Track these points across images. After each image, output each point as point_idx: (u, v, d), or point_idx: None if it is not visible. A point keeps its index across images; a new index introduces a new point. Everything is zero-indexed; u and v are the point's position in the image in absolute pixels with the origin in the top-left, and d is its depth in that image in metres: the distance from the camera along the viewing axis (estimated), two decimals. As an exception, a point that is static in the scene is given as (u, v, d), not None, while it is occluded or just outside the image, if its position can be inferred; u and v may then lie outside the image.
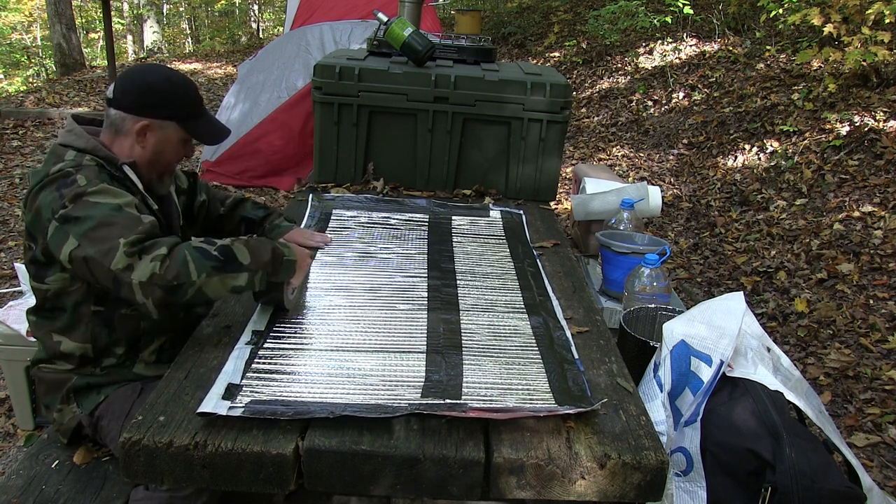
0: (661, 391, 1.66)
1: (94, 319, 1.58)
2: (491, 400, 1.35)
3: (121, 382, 1.63)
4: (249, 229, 2.01)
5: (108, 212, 1.42)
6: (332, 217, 2.37)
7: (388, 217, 2.41)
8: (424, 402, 1.32)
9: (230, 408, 1.25)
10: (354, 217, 2.38)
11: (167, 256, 1.39)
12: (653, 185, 3.68)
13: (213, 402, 1.26)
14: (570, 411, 1.30)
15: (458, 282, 1.93)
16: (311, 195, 2.55)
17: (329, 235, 2.09)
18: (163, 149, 1.65)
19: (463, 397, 1.35)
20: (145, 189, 1.65)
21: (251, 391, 1.33)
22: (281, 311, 1.67)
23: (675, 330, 1.71)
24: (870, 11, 4.55)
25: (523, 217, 2.53)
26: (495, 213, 2.55)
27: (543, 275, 2.03)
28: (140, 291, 1.37)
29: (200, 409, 1.24)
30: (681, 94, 6.53)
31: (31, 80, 14.45)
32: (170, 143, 1.65)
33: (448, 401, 1.33)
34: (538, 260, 2.15)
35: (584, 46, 8.60)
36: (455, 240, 2.27)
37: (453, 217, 2.47)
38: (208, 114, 1.73)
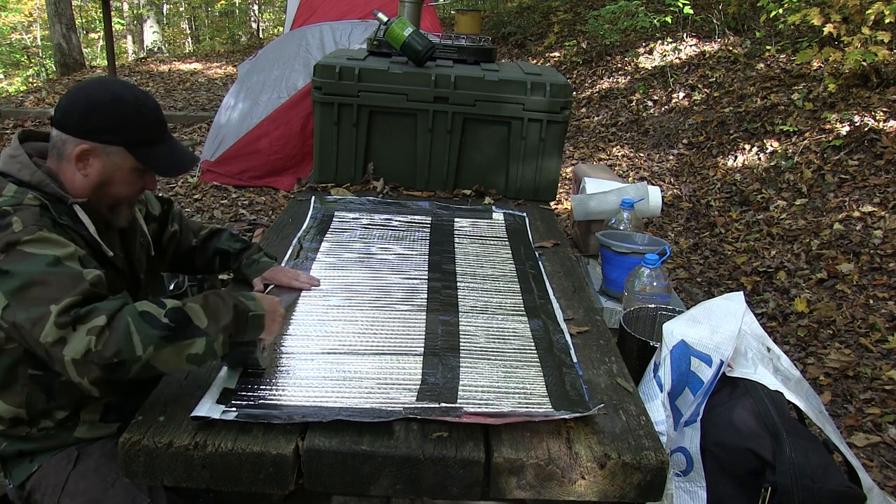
0: (661, 391, 1.66)
1: (32, 383, 1.35)
2: (487, 404, 1.34)
3: (57, 449, 1.41)
4: (224, 263, 1.80)
5: (44, 267, 1.21)
6: (335, 218, 2.37)
7: (389, 219, 2.40)
8: (419, 405, 1.31)
9: (224, 412, 1.25)
10: (356, 219, 2.38)
11: (106, 327, 1.16)
12: (653, 185, 3.68)
13: (206, 407, 1.26)
14: (567, 416, 1.29)
15: (459, 283, 1.93)
16: (313, 197, 2.55)
17: (316, 276, 1.84)
18: (110, 178, 1.40)
19: (459, 401, 1.34)
20: (101, 231, 1.41)
21: (246, 395, 1.32)
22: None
23: (675, 330, 1.71)
24: (870, 11, 4.55)
25: (526, 220, 2.53)
26: (498, 216, 2.55)
27: (545, 277, 2.03)
28: (74, 370, 1.15)
29: (194, 413, 1.23)
30: (681, 94, 6.53)
31: (31, 80, 14.47)
32: (119, 171, 1.40)
33: (443, 405, 1.32)
34: (540, 262, 2.14)
35: (584, 46, 8.60)
36: (457, 241, 2.26)
37: (456, 219, 2.47)
38: (171, 140, 1.46)
